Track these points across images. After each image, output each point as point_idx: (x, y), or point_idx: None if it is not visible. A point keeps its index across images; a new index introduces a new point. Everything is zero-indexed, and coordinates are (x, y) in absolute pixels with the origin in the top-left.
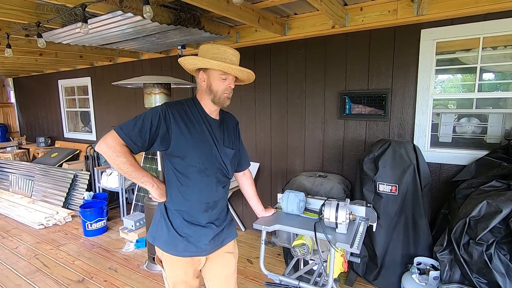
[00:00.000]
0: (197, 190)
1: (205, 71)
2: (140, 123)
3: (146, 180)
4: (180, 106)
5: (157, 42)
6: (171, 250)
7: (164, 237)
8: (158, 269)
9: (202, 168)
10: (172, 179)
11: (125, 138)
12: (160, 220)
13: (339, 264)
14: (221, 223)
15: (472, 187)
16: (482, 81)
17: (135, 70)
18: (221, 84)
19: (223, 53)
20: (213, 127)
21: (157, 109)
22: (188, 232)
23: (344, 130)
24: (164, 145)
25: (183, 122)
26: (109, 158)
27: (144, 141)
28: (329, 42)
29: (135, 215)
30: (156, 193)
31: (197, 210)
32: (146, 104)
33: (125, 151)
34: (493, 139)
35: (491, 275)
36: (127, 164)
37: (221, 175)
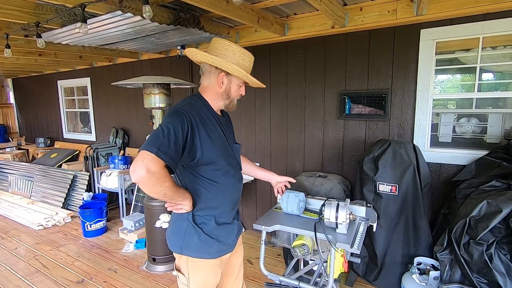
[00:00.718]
0: (226, 193)
1: (227, 75)
2: (173, 137)
3: (185, 197)
4: (195, 108)
5: (156, 43)
6: (205, 255)
7: (195, 244)
8: (158, 270)
9: (227, 170)
10: (198, 186)
11: (166, 159)
12: (187, 229)
13: (340, 264)
14: (238, 217)
15: (472, 187)
16: (481, 81)
17: (134, 71)
18: (237, 91)
19: (248, 61)
20: (223, 126)
21: (180, 116)
22: (218, 233)
23: (344, 130)
24: (191, 156)
25: (203, 127)
26: (153, 187)
27: (179, 157)
28: (329, 42)
29: (134, 216)
30: (190, 205)
31: (226, 211)
32: (145, 105)
33: (167, 173)
34: (493, 139)
35: (491, 275)
36: (171, 188)
37: (239, 171)
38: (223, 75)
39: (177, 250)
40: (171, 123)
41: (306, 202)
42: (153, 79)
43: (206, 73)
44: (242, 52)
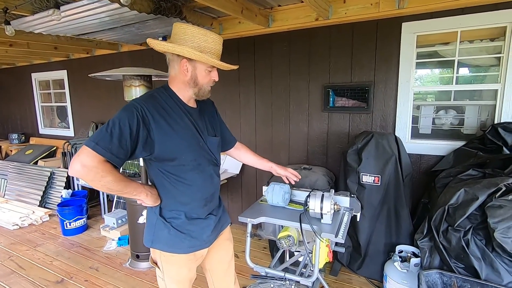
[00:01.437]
0: (195, 189)
1: (190, 62)
2: (117, 132)
3: (139, 192)
4: (154, 100)
5: (136, 33)
6: (175, 249)
7: (165, 238)
8: (142, 267)
9: (195, 165)
10: (164, 181)
11: (106, 154)
12: (157, 223)
13: (324, 254)
14: (217, 212)
15: (450, 176)
16: (459, 74)
17: (114, 63)
18: (206, 76)
19: (212, 42)
20: (194, 117)
21: (131, 109)
22: (190, 228)
23: (328, 123)
24: (148, 150)
25: (164, 119)
26: (92, 182)
27: (126, 152)
28: (313, 34)
29: (116, 213)
30: (151, 200)
31: (197, 207)
32: (126, 97)
33: (109, 168)
34: (469, 130)
35: (468, 260)
36: (116, 182)
37: (213, 165)
38: (185, 61)
39: (148, 244)
40: (118, 117)
41: (291, 193)
42: (133, 71)
43: (170, 63)
44: (203, 33)
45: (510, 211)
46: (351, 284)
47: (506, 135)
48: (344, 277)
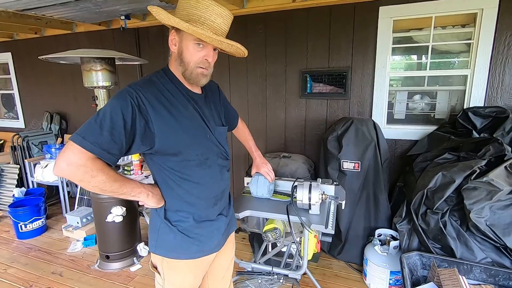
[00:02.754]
0: (202, 187)
1: (178, 31)
2: (108, 123)
3: (137, 192)
4: (153, 85)
5: (94, 10)
6: (182, 255)
7: (170, 243)
8: (113, 268)
9: (202, 160)
10: (168, 179)
11: (95, 150)
12: (161, 226)
13: (313, 245)
14: (228, 212)
15: (427, 160)
16: (433, 59)
17: (69, 45)
18: (195, 54)
19: (204, 9)
20: (200, 105)
21: (125, 96)
22: (199, 231)
23: (306, 110)
24: (147, 144)
25: (164, 107)
26: (81, 182)
27: (120, 147)
28: (290, 17)
29: (80, 211)
30: (153, 201)
31: (206, 206)
32: (86, 83)
33: (100, 166)
34: (440, 114)
35: (445, 240)
36: (109, 182)
37: (222, 159)
38: (173, 33)
39: (152, 249)
40: (109, 106)
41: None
42: (93, 53)
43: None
44: (205, 4)
45: (484, 193)
46: (331, 269)
47: (475, 119)
48: (325, 263)
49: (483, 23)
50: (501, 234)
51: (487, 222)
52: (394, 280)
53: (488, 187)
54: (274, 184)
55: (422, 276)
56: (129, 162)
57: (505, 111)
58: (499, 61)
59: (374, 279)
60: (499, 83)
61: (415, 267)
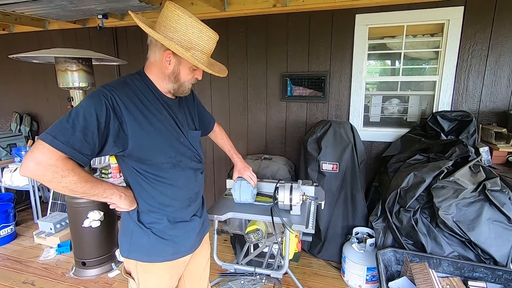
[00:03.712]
0: (176, 188)
1: (175, 55)
2: (81, 123)
3: (109, 193)
4: (127, 87)
5: (69, 8)
6: (157, 258)
7: (144, 246)
8: (90, 274)
9: (175, 163)
10: (141, 181)
11: (66, 149)
12: (134, 230)
13: (294, 245)
14: (202, 213)
15: (400, 161)
16: (405, 66)
17: (40, 43)
18: (190, 74)
19: (206, 40)
20: (173, 110)
21: (99, 97)
22: (173, 232)
23: (287, 112)
24: (120, 146)
25: (139, 110)
26: (50, 183)
27: (93, 147)
28: (271, 21)
29: (54, 216)
30: (126, 203)
31: (180, 208)
32: (60, 84)
33: (71, 166)
34: (412, 118)
35: (416, 236)
36: (80, 183)
37: (195, 162)
38: (169, 53)
39: (125, 254)
40: (82, 106)
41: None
42: (69, 52)
43: (152, 47)
44: (199, 29)
45: (451, 191)
46: (311, 267)
47: (443, 122)
48: (305, 262)
49: (449, 32)
50: (466, 229)
51: (454, 219)
52: (370, 276)
53: (454, 186)
54: (257, 188)
55: (396, 271)
56: (107, 165)
57: (469, 115)
58: (464, 68)
59: (352, 276)
60: (464, 89)
61: (389, 263)
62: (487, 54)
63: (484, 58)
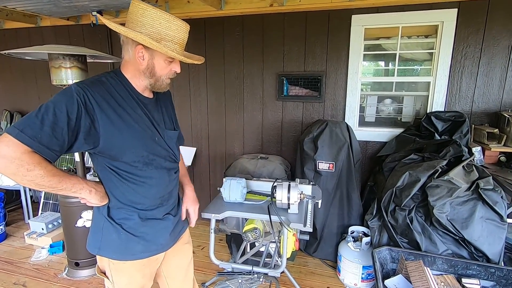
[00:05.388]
0: (147, 186)
1: (147, 49)
2: (50, 118)
3: (79, 188)
4: (101, 85)
5: (62, 4)
6: (126, 256)
7: (114, 243)
8: (83, 275)
9: (148, 161)
10: (112, 177)
11: (33, 144)
12: (105, 226)
13: (292, 243)
14: (177, 212)
15: (395, 161)
16: (400, 66)
17: (32, 39)
18: (166, 67)
19: (176, 30)
20: (149, 109)
21: (71, 93)
22: (144, 230)
23: (282, 112)
24: (91, 143)
25: (112, 108)
26: (14, 176)
27: (62, 143)
28: (267, 21)
29: (46, 216)
30: (97, 198)
31: (152, 206)
32: (54, 81)
33: (38, 160)
34: (406, 118)
35: (411, 235)
36: (47, 177)
37: (170, 162)
38: (141, 48)
39: (95, 251)
40: (53, 102)
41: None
42: (63, 49)
43: (124, 45)
44: (166, 19)
45: (445, 190)
46: (307, 266)
47: (437, 122)
48: (301, 261)
49: (443, 34)
50: (459, 227)
51: (448, 217)
52: (366, 275)
53: (448, 184)
54: (246, 188)
55: (391, 269)
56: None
57: (462, 116)
58: (457, 70)
59: (348, 274)
60: (457, 89)
61: (385, 261)
62: (479, 56)
63: (476, 59)
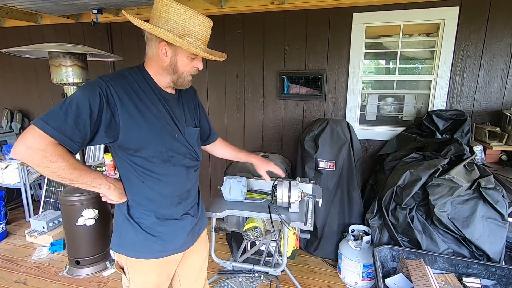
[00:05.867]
0: (164, 184)
1: (170, 46)
2: (74, 111)
3: (99, 183)
4: (124, 80)
5: (63, 2)
6: (144, 254)
7: (132, 241)
8: (84, 273)
9: (166, 158)
10: (131, 174)
11: (57, 135)
12: (123, 224)
13: (292, 242)
14: (195, 212)
15: (396, 160)
16: (401, 65)
17: (32, 38)
18: (189, 64)
19: (199, 26)
20: (170, 105)
21: (94, 87)
22: (162, 230)
23: (283, 110)
24: (111, 136)
25: (133, 103)
26: (38, 167)
27: (84, 135)
28: (268, 19)
29: (46, 214)
30: (115, 195)
31: (169, 204)
32: (54, 79)
33: (61, 152)
34: (407, 116)
35: (412, 234)
36: (69, 170)
37: (190, 159)
38: (164, 44)
39: (114, 248)
40: (76, 95)
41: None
42: (64, 47)
43: (148, 42)
44: (189, 15)
45: (446, 189)
46: (308, 265)
47: (438, 121)
48: (301, 259)
49: (445, 32)
50: (460, 226)
51: (449, 216)
52: (366, 273)
53: (449, 183)
54: (247, 186)
55: (392, 268)
56: (101, 163)
57: (463, 114)
58: (458, 68)
59: (348, 273)
60: (458, 88)
61: (385, 259)
62: (481, 54)
63: (478, 58)
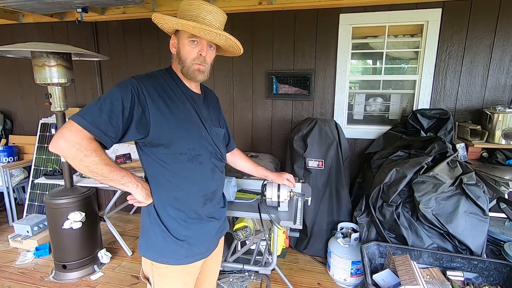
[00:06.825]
0: (191, 183)
1: (176, 34)
2: (108, 107)
3: (127, 181)
4: (154, 79)
5: (45, 1)
6: (170, 260)
7: (159, 245)
8: (71, 278)
9: (194, 155)
10: (158, 173)
11: (92, 129)
12: (151, 227)
13: (282, 241)
14: (221, 215)
15: (383, 158)
16: (387, 65)
17: (13, 36)
18: (191, 50)
19: (195, 9)
20: (197, 104)
21: (126, 85)
22: (187, 233)
23: (272, 110)
24: (142, 132)
25: (162, 100)
26: (73, 160)
27: (117, 130)
28: (256, 19)
29: (31, 218)
30: (142, 195)
31: (195, 205)
32: (38, 80)
33: (95, 147)
34: (393, 115)
35: (398, 230)
36: (101, 165)
37: (216, 159)
38: (173, 37)
39: (141, 251)
40: (110, 92)
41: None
42: (48, 47)
43: None
44: (189, 2)
45: (430, 186)
46: (298, 263)
47: (423, 120)
48: (291, 258)
49: (428, 33)
50: (444, 222)
51: (433, 212)
52: (355, 270)
53: (434, 180)
54: (236, 186)
55: (379, 264)
56: None
57: (446, 113)
58: (441, 68)
59: (337, 270)
60: (441, 87)
61: (373, 256)
62: (463, 55)
63: (460, 58)
